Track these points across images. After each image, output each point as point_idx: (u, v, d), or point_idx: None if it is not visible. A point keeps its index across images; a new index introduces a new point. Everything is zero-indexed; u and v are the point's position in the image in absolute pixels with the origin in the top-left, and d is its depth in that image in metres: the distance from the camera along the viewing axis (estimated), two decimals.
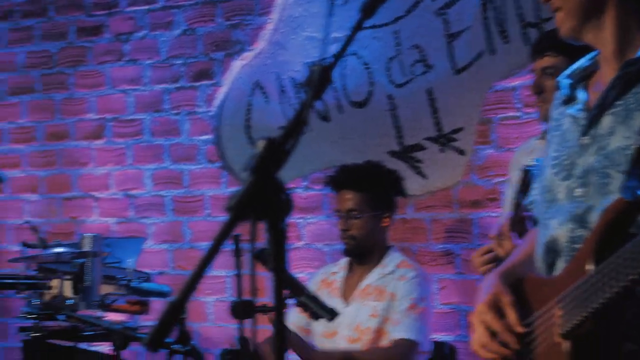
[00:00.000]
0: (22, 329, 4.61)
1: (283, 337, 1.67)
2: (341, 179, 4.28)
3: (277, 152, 1.64)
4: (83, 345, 4.76)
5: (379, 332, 4.15)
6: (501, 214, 4.14)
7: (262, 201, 1.61)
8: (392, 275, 4.20)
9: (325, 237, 5.12)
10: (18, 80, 5.99)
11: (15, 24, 5.99)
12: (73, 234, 5.75)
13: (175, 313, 1.50)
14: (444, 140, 4.88)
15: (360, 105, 5.05)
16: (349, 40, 1.84)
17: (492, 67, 4.77)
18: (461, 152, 4.86)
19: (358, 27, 1.87)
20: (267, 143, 1.64)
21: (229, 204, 1.59)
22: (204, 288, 5.30)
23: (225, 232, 1.59)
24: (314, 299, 3.39)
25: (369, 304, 4.17)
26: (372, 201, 4.24)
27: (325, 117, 5.09)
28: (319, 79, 1.74)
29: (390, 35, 4.96)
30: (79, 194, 5.83)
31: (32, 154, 5.96)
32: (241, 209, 1.58)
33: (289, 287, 3.26)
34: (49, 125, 5.92)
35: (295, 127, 1.69)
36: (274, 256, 1.64)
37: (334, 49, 1.80)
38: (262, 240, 1.66)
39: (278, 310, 1.65)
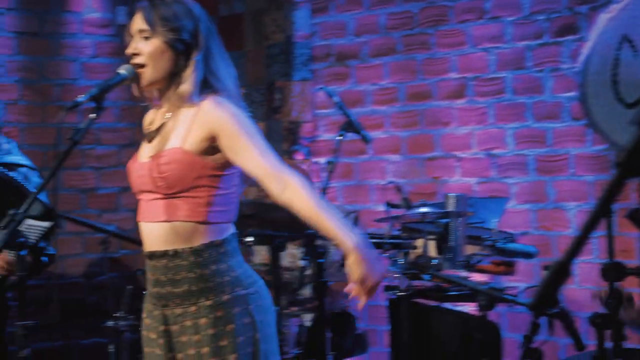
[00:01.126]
0: (388, 288, 4.67)
1: None
2: None
3: None
4: (447, 305, 4.77)
5: None
6: None
7: None
8: None
9: None
10: (380, 42, 6.07)
11: None
12: (435, 194, 5.76)
13: (561, 275, 1.42)
14: None
15: None
16: None
17: None
18: None
19: None
20: None
21: (617, 159, 1.48)
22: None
23: (613, 190, 1.48)
24: None
25: None
26: None
27: None
28: None
29: None
30: (441, 154, 5.83)
31: (394, 115, 6.03)
32: (632, 164, 1.47)
33: None
34: (410, 86, 5.95)
35: None
36: None
37: None
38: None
39: None
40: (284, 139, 6.42)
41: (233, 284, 3.07)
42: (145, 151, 3.19)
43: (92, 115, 3.04)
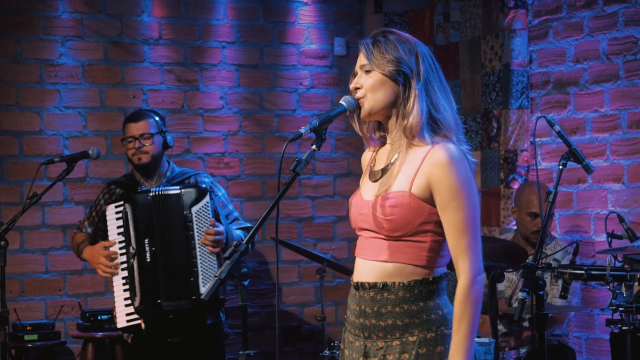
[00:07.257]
0: (609, 322, 4.54)
1: None
2: None
3: None
4: None
5: None
6: None
7: None
8: None
9: None
10: (601, 68, 5.92)
11: (599, 11, 5.91)
12: None
13: None
14: None
15: None
16: None
17: None
18: None
19: None
20: None
21: None
22: None
23: None
24: None
25: None
26: None
27: None
28: None
29: None
30: None
31: (615, 143, 5.86)
32: None
33: None
34: (633, 113, 5.77)
35: None
36: None
37: None
38: None
39: None
40: (500, 168, 6.34)
41: (439, 322, 3.06)
42: (369, 188, 3.18)
43: (314, 147, 3.06)
